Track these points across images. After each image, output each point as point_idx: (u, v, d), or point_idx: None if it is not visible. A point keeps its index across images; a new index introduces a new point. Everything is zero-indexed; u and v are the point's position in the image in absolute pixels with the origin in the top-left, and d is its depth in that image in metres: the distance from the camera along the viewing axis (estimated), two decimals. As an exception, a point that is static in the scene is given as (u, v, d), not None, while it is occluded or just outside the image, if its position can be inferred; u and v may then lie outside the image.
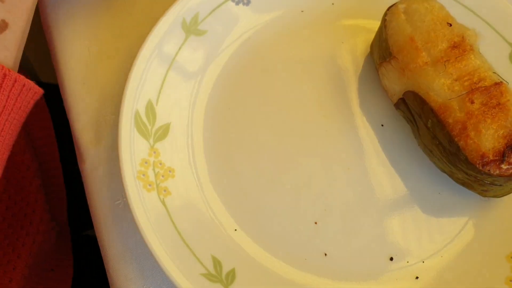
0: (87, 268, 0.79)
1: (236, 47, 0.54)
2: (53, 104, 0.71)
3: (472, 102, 0.45)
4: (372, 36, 0.54)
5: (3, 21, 0.44)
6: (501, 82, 0.46)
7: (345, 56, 0.55)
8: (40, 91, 0.46)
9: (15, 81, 0.43)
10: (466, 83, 0.46)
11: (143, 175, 0.46)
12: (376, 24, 0.54)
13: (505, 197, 0.48)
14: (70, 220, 0.77)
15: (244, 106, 0.52)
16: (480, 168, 0.44)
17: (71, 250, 0.75)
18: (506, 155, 0.43)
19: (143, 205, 0.45)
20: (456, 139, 0.45)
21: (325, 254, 0.47)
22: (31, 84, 0.44)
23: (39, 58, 0.86)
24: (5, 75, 0.42)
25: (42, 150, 0.72)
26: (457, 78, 0.46)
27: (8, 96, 0.43)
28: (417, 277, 0.47)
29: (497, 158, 0.44)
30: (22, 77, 0.43)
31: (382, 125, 0.52)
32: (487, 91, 0.45)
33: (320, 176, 0.50)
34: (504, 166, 0.44)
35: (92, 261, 0.81)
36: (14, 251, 0.61)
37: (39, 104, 0.71)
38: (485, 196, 0.48)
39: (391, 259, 0.48)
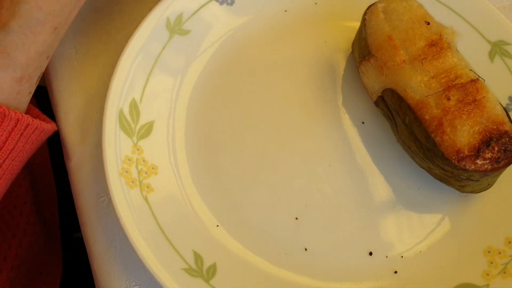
0: (77, 270, 0.80)
1: (219, 46, 0.55)
2: (42, 104, 0.71)
3: (449, 99, 0.46)
4: (353, 35, 0.55)
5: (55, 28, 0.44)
6: (477, 79, 0.46)
7: (327, 55, 0.56)
8: (53, 128, 0.47)
9: (27, 125, 0.43)
10: (443, 80, 0.47)
11: (126, 172, 0.47)
12: (358, 24, 0.55)
13: (482, 192, 0.49)
14: (61, 222, 0.77)
15: (226, 103, 0.53)
16: (456, 163, 0.44)
17: (61, 253, 0.75)
18: (481, 150, 0.44)
19: (126, 201, 0.46)
20: (432, 135, 0.45)
21: (305, 249, 0.48)
22: (43, 125, 0.44)
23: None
24: (18, 120, 0.42)
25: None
26: (434, 76, 0.47)
27: (19, 139, 0.43)
28: (395, 272, 0.48)
29: (473, 153, 0.44)
30: (36, 120, 0.44)
31: (363, 123, 0.53)
32: (463, 88, 0.46)
33: (301, 173, 0.51)
34: (479, 162, 0.44)
35: (82, 264, 0.81)
36: (0, 253, 0.61)
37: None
38: (462, 191, 0.49)
39: (370, 253, 0.48)
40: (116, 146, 0.48)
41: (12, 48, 0.41)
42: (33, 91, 0.46)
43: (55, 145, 0.74)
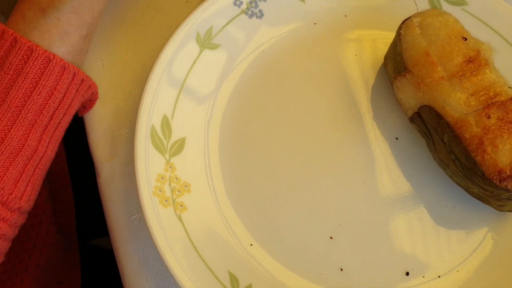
0: (95, 279, 0.79)
1: (250, 61, 0.54)
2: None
3: (489, 117, 0.45)
4: (384, 48, 0.55)
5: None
6: (517, 97, 0.46)
7: (358, 68, 0.55)
8: (95, 90, 0.50)
9: (82, 79, 0.47)
10: (482, 98, 0.46)
11: (160, 190, 0.46)
12: (388, 36, 0.54)
13: (521, 211, 0.48)
14: (77, 230, 0.77)
15: (258, 120, 0.52)
16: (497, 183, 0.44)
17: (79, 262, 0.75)
18: (523, 170, 0.43)
19: (159, 221, 0.45)
20: (472, 154, 0.45)
21: (341, 269, 0.47)
22: (89, 80, 0.48)
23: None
24: (75, 73, 0.46)
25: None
26: (473, 93, 0.46)
27: (75, 94, 0.47)
28: (433, 292, 0.47)
29: (515, 173, 0.43)
30: (88, 77, 0.48)
31: (397, 138, 0.52)
32: (503, 106, 0.45)
33: (335, 190, 0.50)
34: (521, 182, 0.43)
35: (99, 271, 0.81)
36: (21, 263, 0.61)
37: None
38: (501, 210, 0.48)
39: (407, 274, 0.47)
40: (147, 164, 0.47)
41: (81, 8, 0.46)
42: (88, 49, 0.50)
43: (72, 155, 0.74)
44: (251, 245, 0.48)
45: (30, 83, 0.43)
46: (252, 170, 0.50)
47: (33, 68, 0.43)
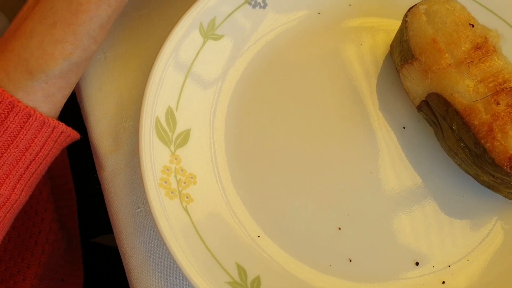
0: (97, 275, 0.79)
1: (255, 51, 0.54)
2: (72, 112, 0.70)
3: (498, 104, 0.44)
4: (390, 36, 0.54)
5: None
6: (526, 83, 0.45)
7: (364, 57, 0.55)
8: (78, 135, 0.49)
9: (62, 131, 0.46)
10: (490, 85, 0.45)
11: (165, 182, 0.46)
12: (393, 24, 0.54)
13: (531, 199, 0.47)
14: (80, 227, 0.77)
15: (265, 110, 0.52)
16: (508, 170, 0.43)
17: (82, 259, 0.74)
18: (534, 157, 0.43)
19: (166, 213, 0.44)
20: (482, 141, 0.44)
21: (350, 260, 0.47)
22: (69, 130, 0.47)
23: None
24: (54, 127, 0.45)
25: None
26: (482, 80, 0.46)
27: (53, 145, 0.46)
28: (443, 282, 0.46)
29: (525, 160, 0.43)
30: (69, 128, 0.47)
31: (404, 128, 0.52)
32: (512, 92, 0.45)
33: (342, 181, 0.49)
34: (532, 168, 0.43)
35: (102, 268, 0.80)
36: (23, 261, 0.60)
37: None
38: (511, 199, 0.47)
39: (417, 263, 0.47)
40: (152, 156, 0.46)
41: (69, 73, 0.46)
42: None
43: (74, 152, 0.73)
44: (259, 236, 0.47)
45: (9, 137, 0.43)
46: (259, 161, 0.50)
47: (13, 123, 0.43)
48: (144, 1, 0.57)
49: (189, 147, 0.48)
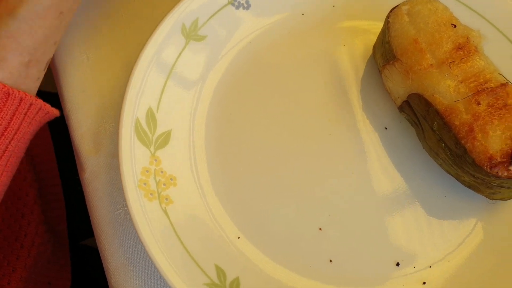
0: (85, 279, 0.78)
1: (237, 52, 0.54)
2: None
3: (479, 104, 0.44)
4: (373, 37, 0.54)
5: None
6: (507, 83, 0.45)
7: (347, 59, 0.54)
8: (57, 113, 0.47)
9: (31, 104, 0.44)
10: (471, 85, 0.45)
11: (145, 183, 0.45)
12: (377, 26, 0.54)
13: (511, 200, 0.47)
14: (67, 230, 0.76)
15: (246, 111, 0.51)
16: (488, 170, 0.43)
17: (69, 262, 0.74)
18: (514, 157, 0.43)
19: (145, 214, 0.44)
20: (462, 142, 0.44)
21: (330, 261, 0.47)
22: (47, 107, 0.45)
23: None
24: (21, 98, 0.43)
25: (39, 159, 0.71)
26: (463, 80, 0.45)
27: (23, 118, 0.44)
28: (424, 283, 0.46)
29: (505, 160, 0.43)
30: (39, 100, 0.44)
31: (386, 128, 0.51)
32: (493, 92, 0.44)
33: (324, 181, 0.49)
34: (512, 168, 0.43)
35: (89, 272, 0.80)
36: (9, 265, 0.60)
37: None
38: (492, 199, 0.47)
39: (398, 264, 0.47)
40: (132, 157, 0.46)
41: (19, 33, 0.42)
42: (41, 77, 0.47)
43: (62, 154, 0.73)
44: (239, 238, 0.47)
45: None
46: (240, 162, 0.50)
47: None
48: (128, 3, 0.57)
49: (170, 149, 0.48)
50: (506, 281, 0.45)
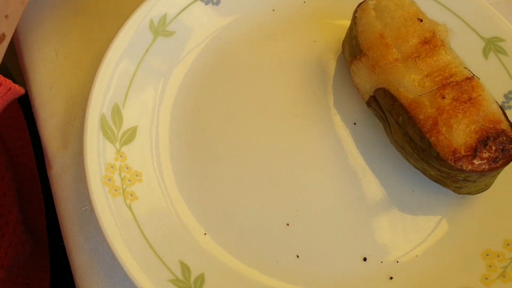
0: (65, 280, 0.78)
1: (205, 47, 0.53)
2: (23, 110, 0.69)
3: (443, 98, 0.44)
4: (343, 33, 0.54)
5: (3, 34, 0.44)
6: (472, 76, 0.45)
7: (317, 55, 0.54)
8: (20, 90, 0.46)
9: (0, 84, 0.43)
10: (437, 79, 0.45)
11: (109, 179, 0.45)
12: (347, 22, 0.53)
13: (479, 194, 0.47)
14: (48, 231, 0.76)
15: (212, 106, 0.51)
16: (452, 164, 0.43)
17: (49, 263, 0.73)
18: (478, 150, 0.43)
19: (109, 210, 0.44)
20: (427, 135, 0.44)
21: (297, 256, 0.46)
22: (10, 84, 0.44)
23: (13, 64, 0.85)
24: None
25: (17, 158, 0.71)
26: (428, 74, 0.45)
27: None
28: (391, 278, 0.46)
29: (469, 153, 0.43)
30: (8, 80, 0.44)
31: (355, 124, 0.51)
32: (458, 86, 0.44)
33: (292, 177, 0.49)
34: (476, 162, 0.43)
35: (70, 273, 0.79)
36: None
37: (14, 110, 0.70)
38: (459, 193, 0.47)
39: (365, 259, 0.47)
40: (98, 153, 0.46)
41: None
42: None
43: (41, 154, 0.72)
44: (205, 234, 0.46)
45: None
46: (205, 159, 0.49)
47: None
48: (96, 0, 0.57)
49: (135, 145, 0.48)
50: (472, 274, 0.45)
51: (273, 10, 0.56)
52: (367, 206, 0.48)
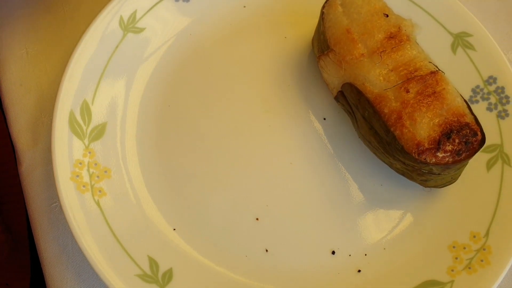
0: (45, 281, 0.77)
1: (174, 43, 0.54)
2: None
3: (408, 92, 0.45)
4: (314, 29, 0.54)
5: None
6: (436, 71, 0.45)
7: (288, 51, 0.55)
8: None
9: None
10: (402, 73, 0.46)
11: (77, 176, 0.45)
12: (318, 18, 0.54)
13: (445, 187, 0.48)
14: (29, 231, 0.75)
15: (181, 102, 0.51)
16: (416, 156, 0.43)
17: (29, 263, 0.73)
18: (442, 143, 0.43)
19: (77, 206, 0.44)
20: (392, 129, 0.44)
21: (266, 251, 0.47)
22: None
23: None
24: None
25: (-2, 159, 0.71)
26: (393, 69, 0.46)
27: None
28: (359, 270, 0.46)
29: (433, 146, 0.43)
30: None
31: (325, 119, 0.52)
32: (422, 80, 0.45)
33: (261, 172, 0.49)
34: (440, 154, 0.43)
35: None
36: None
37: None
38: (426, 186, 0.47)
39: (333, 252, 0.47)
40: (66, 150, 0.46)
41: None
42: None
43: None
44: (174, 229, 0.47)
45: None
46: (173, 154, 0.49)
47: None
48: (68, -3, 0.57)
49: (104, 141, 0.48)
50: (438, 266, 0.45)
51: (244, 6, 0.56)
52: (336, 200, 0.49)
